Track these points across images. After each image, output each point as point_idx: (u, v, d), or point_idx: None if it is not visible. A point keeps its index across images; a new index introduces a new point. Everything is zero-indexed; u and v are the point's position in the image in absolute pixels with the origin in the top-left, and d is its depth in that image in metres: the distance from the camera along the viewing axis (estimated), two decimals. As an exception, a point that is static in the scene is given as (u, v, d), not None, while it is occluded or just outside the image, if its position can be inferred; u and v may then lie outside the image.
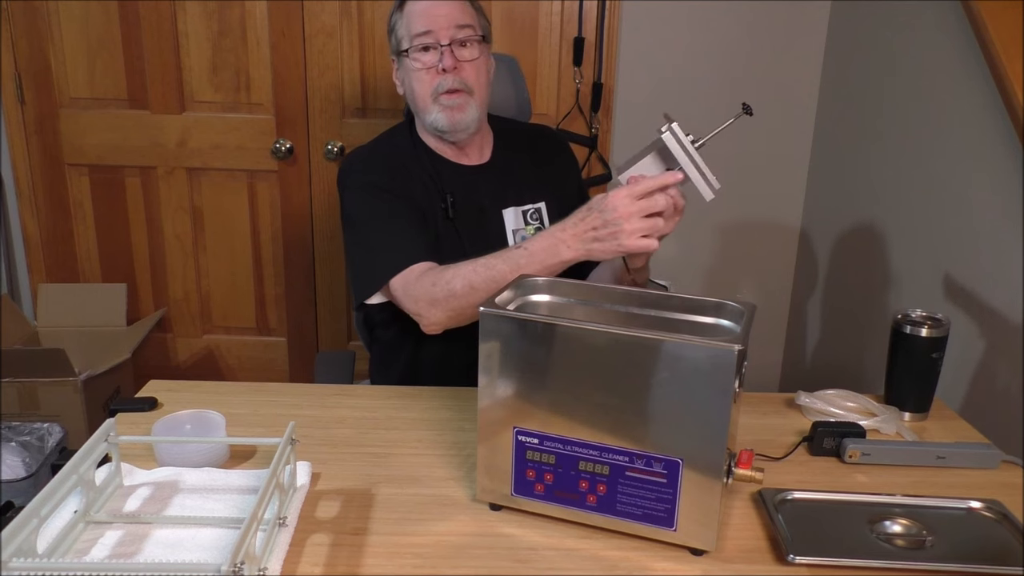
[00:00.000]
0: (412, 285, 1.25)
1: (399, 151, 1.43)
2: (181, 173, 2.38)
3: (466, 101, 1.36)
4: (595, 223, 1.09)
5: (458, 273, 1.20)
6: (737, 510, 0.98)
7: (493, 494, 0.96)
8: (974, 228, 1.60)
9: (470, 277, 1.18)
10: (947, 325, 1.22)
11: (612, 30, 2.25)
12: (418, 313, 1.25)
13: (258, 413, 1.19)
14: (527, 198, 1.46)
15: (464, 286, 1.18)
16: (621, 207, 1.07)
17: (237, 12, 2.24)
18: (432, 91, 1.35)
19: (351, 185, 1.39)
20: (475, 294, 1.17)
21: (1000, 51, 1.48)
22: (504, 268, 1.16)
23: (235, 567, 0.69)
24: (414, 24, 1.34)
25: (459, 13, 1.35)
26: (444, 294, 1.20)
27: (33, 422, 1.97)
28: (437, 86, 1.34)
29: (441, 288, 1.21)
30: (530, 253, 1.15)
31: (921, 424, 1.24)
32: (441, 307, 1.21)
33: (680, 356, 0.84)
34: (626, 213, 1.06)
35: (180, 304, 2.50)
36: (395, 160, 1.41)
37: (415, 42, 1.34)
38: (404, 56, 1.37)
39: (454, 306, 1.20)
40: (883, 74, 1.98)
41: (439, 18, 1.33)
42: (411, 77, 1.37)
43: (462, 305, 1.19)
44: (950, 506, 0.99)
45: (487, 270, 1.17)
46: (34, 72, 2.28)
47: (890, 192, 1.92)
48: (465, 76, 1.35)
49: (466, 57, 1.35)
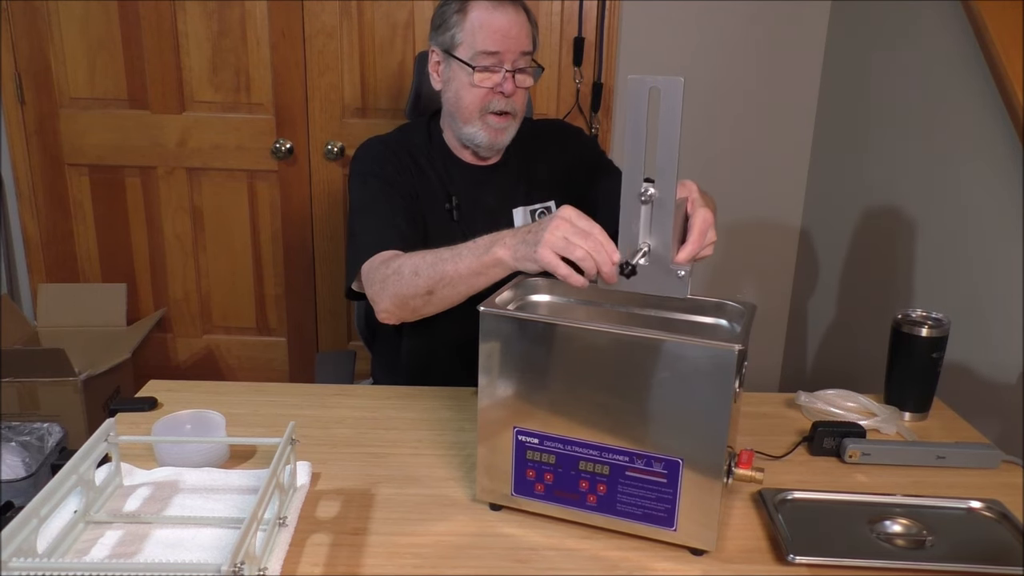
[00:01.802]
0: (374, 269, 1.22)
1: (411, 146, 1.42)
2: (181, 173, 2.38)
3: (510, 124, 1.36)
4: (533, 228, 1.00)
5: (410, 259, 1.16)
6: (737, 510, 0.98)
7: (493, 494, 0.96)
8: (974, 228, 1.60)
9: (417, 263, 1.14)
10: (947, 325, 1.22)
11: (612, 30, 2.25)
12: (371, 298, 1.22)
13: (258, 413, 1.19)
14: (536, 197, 1.45)
15: (410, 271, 1.14)
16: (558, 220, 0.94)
17: (237, 12, 2.24)
18: (481, 108, 1.33)
19: (356, 172, 1.39)
20: (417, 280, 1.13)
21: (1000, 51, 1.48)
22: (447, 256, 1.10)
23: (235, 567, 0.69)
24: (482, 39, 1.30)
25: (527, 39, 1.32)
26: (393, 277, 1.17)
27: (33, 422, 1.97)
28: (489, 105, 1.33)
29: (392, 271, 1.17)
30: (473, 245, 1.08)
31: (921, 424, 1.24)
32: (389, 291, 1.17)
33: (680, 356, 0.84)
34: (555, 225, 0.94)
35: (180, 304, 2.50)
36: (404, 155, 1.40)
37: (479, 59, 1.30)
38: (458, 60, 1.32)
39: (398, 291, 1.15)
40: (883, 74, 1.98)
41: (509, 41, 1.30)
42: (461, 85, 1.33)
43: (406, 291, 1.15)
44: (950, 506, 0.99)
45: (434, 257, 1.12)
46: (34, 72, 2.28)
47: (890, 192, 1.92)
48: (516, 101, 1.34)
49: (522, 84, 1.34)
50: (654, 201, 0.87)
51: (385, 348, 1.54)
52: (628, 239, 0.90)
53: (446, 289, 1.10)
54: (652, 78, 0.84)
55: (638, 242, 0.89)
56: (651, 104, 0.85)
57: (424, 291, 1.12)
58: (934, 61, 1.75)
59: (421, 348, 1.42)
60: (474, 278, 1.07)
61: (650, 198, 0.87)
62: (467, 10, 1.31)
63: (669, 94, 0.83)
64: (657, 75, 0.83)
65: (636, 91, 0.85)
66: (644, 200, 0.87)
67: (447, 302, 1.13)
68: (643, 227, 0.89)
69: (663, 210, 0.87)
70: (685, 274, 0.89)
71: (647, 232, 0.89)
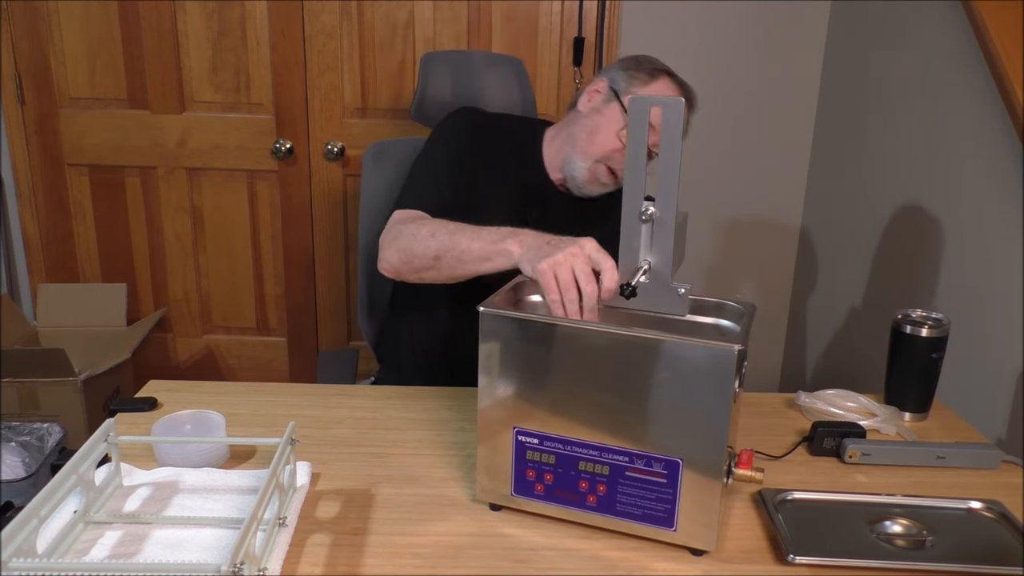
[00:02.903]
0: (399, 221, 1.25)
1: (506, 135, 1.42)
2: (181, 173, 2.38)
3: (610, 184, 1.37)
4: (554, 241, 0.99)
5: (435, 222, 1.18)
6: (737, 510, 0.98)
7: (493, 494, 0.96)
8: (974, 228, 1.60)
9: (438, 226, 1.16)
10: (947, 325, 1.22)
11: (612, 30, 2.25)
12: (381, 243, 1.24)
13: (258, 413, 1.19)
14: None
15: (428, 231, 1.16)
16: (576, 249, 0.94)
17: (237, 12, 2.24)
18: (604, 154, 1.35)
19: (439, 129, 1.40)
20: (431, 241, 1.15)
21: (1000, 51, 1.48)
22: (469, 231, 1.12)
23: (235, 567, 0.69)
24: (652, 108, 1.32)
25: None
26: (409, 232, 1.19)
27: (33, 422, 1.97)
28: (610, 157, 1.35)
29: (412, 228, 1.19)
30: (495, 230, 1.09)
31: (921, 424, 1.24)
32: (400, 244, 1.19)
33: (680, 356, 0.84)
34: (572, 252, 0.93)
35: (180, 304, 2.50)
36: (494, 140, 1.39)
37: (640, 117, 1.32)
38: (621, 106, 1.35)
39: (409, 246, 1.18)
40: (883, 74, 1.98)
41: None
42: (606, 125, 1.35)
43: (416, 249, 1.17)
44: (950, 506, 0.99)
45: (456, 227, 1.14)
46: (34, 72, 2.28)
47: (890, 192, 1.92)
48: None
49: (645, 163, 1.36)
50: (654, 220, 0.88)
51: (389, 335, 1.53)
52: (628, 257, 0.91)
53: (452, 261, 1.12)
54: (652, 98, 0.86)
55: (638, 260, 0.90)
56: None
57: (433, 254, 1.14)
58: (934, 61, 1.75)
59: (427, 336, 1.42)
60: (481, 261, 1.09)
61: (650, 217, 0.88)
62: (657, 79, 1.36)
63: (670, 114, 0.84)
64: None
65: (637, 111, 0.86)
66: (644, 219, 0.88)
67: (447, 274, 1.15)
68: (643, 245, 0.90)
69: (663, 229, 0.88)
70: (685, 292, 0.90)
71: (647, 250, 0.90)
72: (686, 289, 0.90)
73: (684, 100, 0.85)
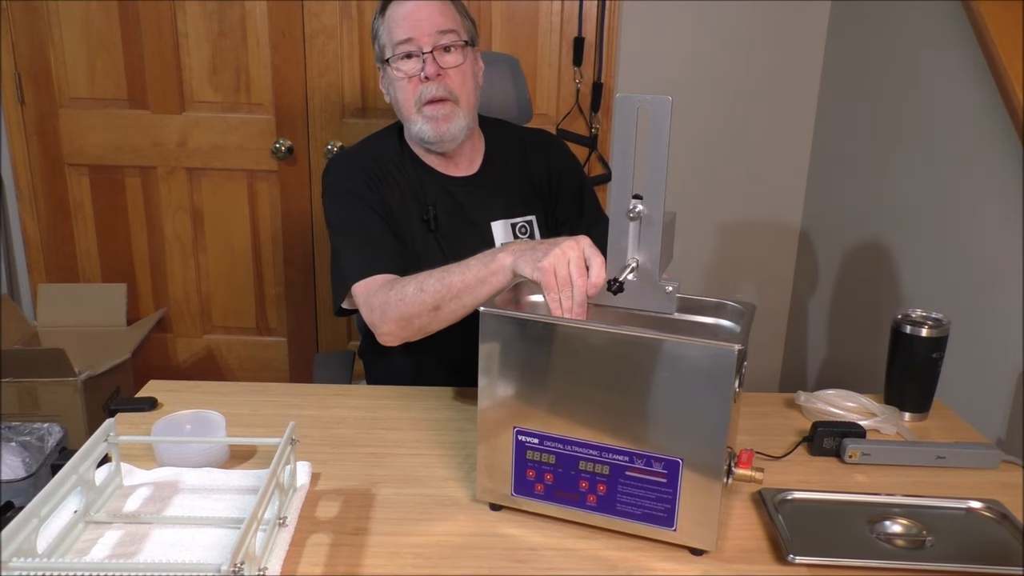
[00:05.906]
0: (373, 295, 1.22)
1: (383, 157, 1.39)
2: (181, 173, 2.38)
3: (452, 110, 1.31)
4: (545, 243, 1.01)
5: (413, 280, 1.16)
6: (737, 510, 0.98)
7: (493, 494, 0.96)
8: (974, 228, 1.60)
9: (421, 280, 1.14)
10: (947, 325, 1.22)
11: (612, 30, 2.25)
12: (372, 323, 1.22)
13: (258, 413, 1.19)
14: (517, 210, 1.42)
15: (414, 290, 1.15)
16: (571, 243, 0.96)
17: (237, 12, 2.24)
18: (415, 100, 1.31)
19: (327, 189, 1.37)
20: (423, 296, 1.13)
21: (1000, 51, 1.48)
22: (455, 269, 1.11)
23: (235, 567, 0.69)
24: (395, 31, 1.30)
25: (441, 17, 1.29)
26: (395, 300, 1.17)
27: (33, 422, 1.97)
28: (420, 95, 1.30)
29: (394, 294, 1.17)
30: (480, 256, 1.09)
31: (921, 424, 1.24)
32: (392, 314, 1.18)
33: (680, 356, 0.84)
34: (569, 245, 0.95)
35: (180, 304, 2.50)
36: (377, 167, 1.37)
37: (397, 50, 1.30)
38: (387, 65, 1.33)
39: (403, 312, 1.16)
40: (883, 74, 1.98)
41: (420, 23, 1.28)
42: (395, 86, 1.33)
43: (411, 311, 1.15)
44: (950, 506, 0.99)
45: (441, 272, 1.13)
46: (34, 72, 2.28)
47: (890, 192, 1.92)
48: (450, 83, 1.30)
49: (450, 63, 1.30)
50: (642, 218, 0.88)
51: (381, 361, 1.52)
52: (616, 255, 0.91)
53: (453, 302, 1.11)
54: (640, 97, 0.85)
55: (626, 258, 0.90)
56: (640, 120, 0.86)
57: (431, 307, 1.13)
58: (934, 61, 1.75)
59: (419, 363, 1.41)
60: (479, 286, 1.07)
61: (638, 215, 0.88)
62: (385, 13, 1.33)
63: (657, 113, 0.84)
64: (645, 94, 0.85)
65: (624, 109, 0.86)
66: (632, 217, 0.88)
67: (454, 315, 1.13)
68: (631, 243, 0.90)
69: (651, 227, 0.89)
70: (672, 290, 0.90)
71: (635, 248, 0.90)
72: (673, 287, 0.90)
73: (671, 99, 0.84)
